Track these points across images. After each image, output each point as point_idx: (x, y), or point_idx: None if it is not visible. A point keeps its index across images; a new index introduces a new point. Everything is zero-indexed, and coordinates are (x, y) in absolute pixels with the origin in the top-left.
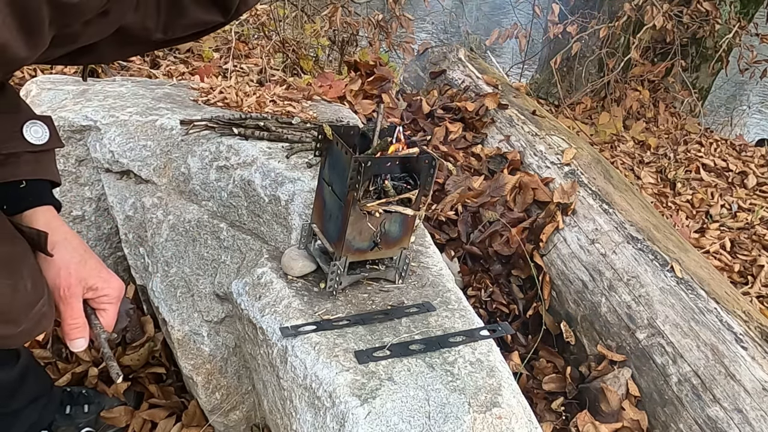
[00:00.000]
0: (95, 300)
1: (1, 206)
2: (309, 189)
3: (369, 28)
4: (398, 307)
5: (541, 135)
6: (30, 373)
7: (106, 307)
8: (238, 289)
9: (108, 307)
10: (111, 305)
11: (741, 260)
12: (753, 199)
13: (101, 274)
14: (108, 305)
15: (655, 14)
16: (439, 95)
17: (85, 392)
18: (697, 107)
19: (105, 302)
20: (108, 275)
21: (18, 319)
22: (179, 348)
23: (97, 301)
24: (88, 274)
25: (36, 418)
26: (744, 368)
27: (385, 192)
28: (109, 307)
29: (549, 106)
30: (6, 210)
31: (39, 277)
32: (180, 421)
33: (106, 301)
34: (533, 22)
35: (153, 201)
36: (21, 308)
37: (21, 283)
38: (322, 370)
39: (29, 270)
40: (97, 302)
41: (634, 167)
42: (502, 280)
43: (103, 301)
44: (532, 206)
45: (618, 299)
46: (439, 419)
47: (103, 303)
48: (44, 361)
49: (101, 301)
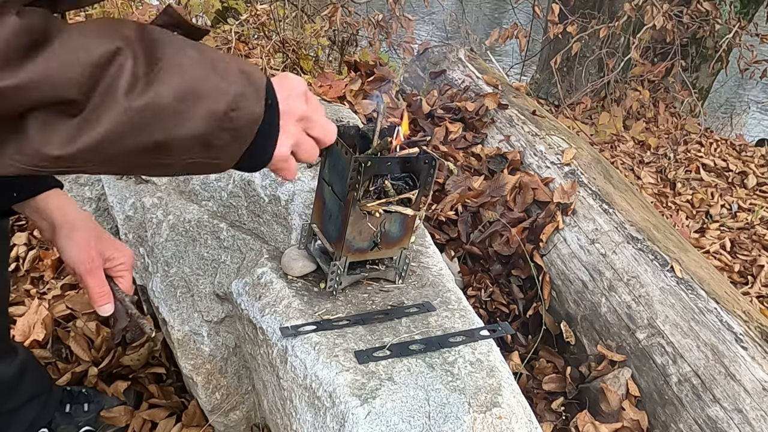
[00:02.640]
0: (113, 269)
1: (12, 192)
2: (309, 189)
3: (369, 28)
4: (398, 307)
5: (541, 135)
6: (28, 371)
7: (123, 273)
8: (238, 289)
9: (125, 274)
10: (127, 272)
11: (741, 260)
12: (753, 199)
13: (115, 245)
14: (125, 272)
15: (655, 14)
16: (439, 95)
17: (85, 391)
18: (697, 107)
19: (122, 269)
20: (121, 245)
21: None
22: (179, 348)
23: (115, 270)
24: (105, 246)
25: (35, 415)
26: (744, 368)
27: (385, 192)
28: (126, 274)
29: (549, 106)
30: (17, 196)
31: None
32: (180, 421)
33: (122, 268)
34: (533, 22)
35: (153, 201)
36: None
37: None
38: (322, 370)
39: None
40: (115, 270)
41: (634, 167)
42: (502, 280)
43: (120, 269)
44: (532, 206)
45: (618, 299)
46: (439, 419)
47: (120, 270)
48: (44, 361)
49: (118, 269)
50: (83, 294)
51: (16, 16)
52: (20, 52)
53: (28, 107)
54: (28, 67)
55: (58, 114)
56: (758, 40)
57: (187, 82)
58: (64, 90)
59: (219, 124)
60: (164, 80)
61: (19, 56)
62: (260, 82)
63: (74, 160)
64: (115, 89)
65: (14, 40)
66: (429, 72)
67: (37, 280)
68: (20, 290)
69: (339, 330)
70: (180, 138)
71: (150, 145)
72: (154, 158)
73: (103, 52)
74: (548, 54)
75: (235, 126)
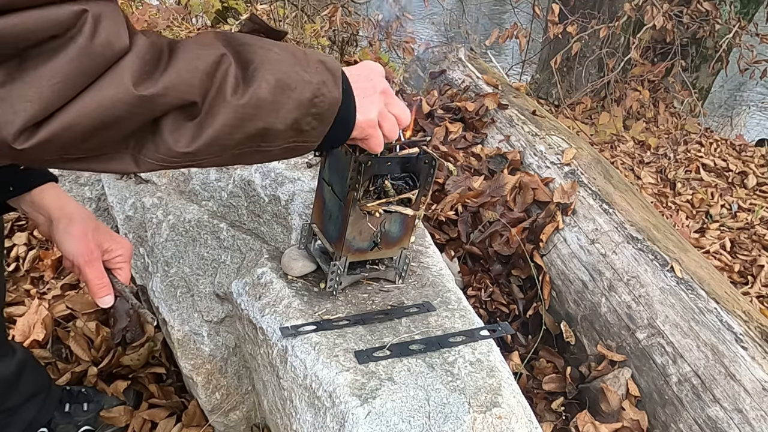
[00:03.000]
0: (111, 261)
1: (8, 187)
2: (309, 189)
3: (369, 28)
4: (398, 307)
5: (541, 135)
6: (27, 370)
7: (122, 265)
8: (238, 289)
9: (123, 266)
10: (125, 263)
11: (741, 260)
12: (753, 199)
13: (113, 237)
14: (123, 264)
15: (655, 14)
16: (439, 95)
17: (85, 391)
18: (697, 107)
19: (120, 261)
20: (118, 237)
21: None
22: (179, 348)
23: (113, 262)
24: (103, 238)
25: (34, 414)
26: (744, 368)
27: (385, 192)
28: (124, 265)
29: (549, 106)
30: (13, 191)
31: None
32: (180, 421)
33: (120, 260)
34: (533, 22)
35: (153, 201)
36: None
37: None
38: (322, 370)
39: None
40: (113, 263)
41: (634, 167)
42: (502, 280)
43: (118, 261)
44: (532, 206)
45: (618, 299)
46: (439, 419)
47: (118, 262)
48: (44, 361)
49: (117, 261)
50: (83, 294)
51: (143, 35)
52: (153, 64)
53: (163, 112)
54: (163, 77)
55: (184, 116)
56: (758, 40)
57: (277, 76)
58: (188, 94)
59: (306, 110)
60: (259, 78)
61: (153, 68)
62: (336, 69)
63: (198, 155)
64: (224, 91)
65: (148, 56)
66: (429, 72)
67: (37, 280)
68: (20, 290)
69: (339, 330)
70: (277, 126)
71: (254, 134)
72: (257, 146)
73: (212, 59)
74: (548, 54)
75: (319, 111)
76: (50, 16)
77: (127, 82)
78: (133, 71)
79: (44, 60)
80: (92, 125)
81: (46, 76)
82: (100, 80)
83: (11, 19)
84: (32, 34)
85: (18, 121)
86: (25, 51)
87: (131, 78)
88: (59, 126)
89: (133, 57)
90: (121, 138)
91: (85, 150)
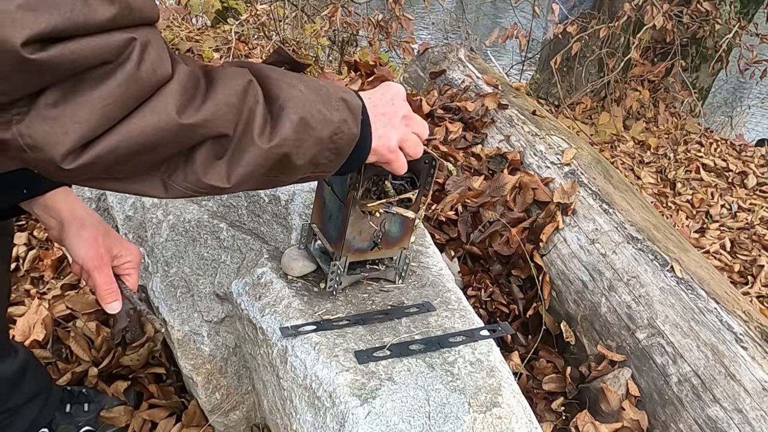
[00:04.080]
0: (120, 266)
1: (21, 189)
2: (309, 189)
3: (369, 28)
4: (398, 307)
5: (541, 135)
6: (29, 370)
7: (130, 271)
8: (238, 289)
9: (131, 272)
10: (134, 269)
11: (741, 260)
12: (753, 199)
13: (123, 243)
14: (131, 270)
15: (655, 14)
16: (439, 95)
17: (85, 391)
18: (697, 107)
19: (129, 267)
20: (128, 243)
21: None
22: (179, 348)
23: (122, 268)
24: (112, 243)
25: (36, 415)
26: (744, 368)
27: (385, 192)
28: (133, 272)
29: (549, 106)
30: (26, 193)
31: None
32: (180, 421)
33: (129, 266)
34: (533, 22)
35: (153, 201)
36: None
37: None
38: (322, 370)
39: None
40: (122, 268)
41: (634, 167)
42: (502, 280)
43: (128, 267)
44: (532, 206)
45: (618, 299)
46: (439, 419)
47: (127, 268)
48: (44, 361)
49: (125, 267)
50: (83, 294)
51: (183, 64)
52: (193, 93)
53: (200, 141)
54: (203, 107)
55: (216, 147)
56: (758, 40)
57: (301, 115)
58: (224, 128)
59: (325, 146)
60: (285, 117)
61: (193, 97)
62: (357, 107)
63: (226, 191)
64: (252, 129)
65: (189, 84)
66: (429, 72)
67: (37, 280)
68: (20, 290)
69: (339, 330)
70: (296, 161)
71: (274, 170)
72: (274, 177)
73: (241, 88)
74: (548, 54)
75: (337, 147)
76: (104, 43)
77: (170, 110)
78: (176, 99)
79: (96, 84)
80: (135, 149)
81: (97, 99)
82: (144, 106)
83: (70, 46)
84: (87, 60)
85: (68, 142)
86: (80, 75)
87: (175, 106)
88: (104, 148)
89: (176, 85)
90: (156, 162)
91: (122, 171)
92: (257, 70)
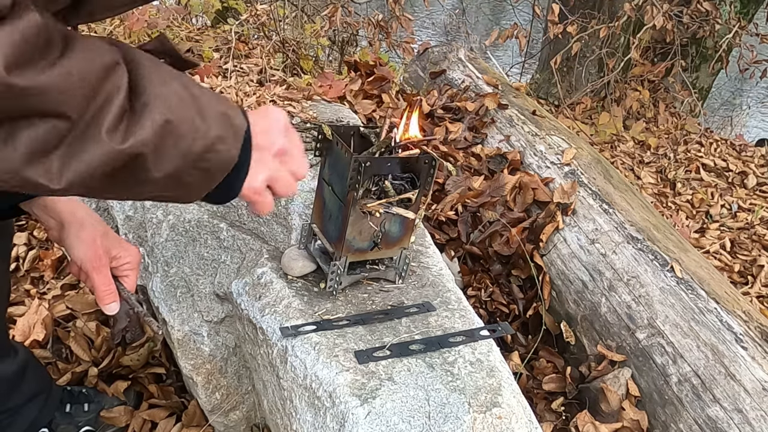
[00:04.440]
0: (118, 268)
1: None
2: (309, 189)
3: (369, 28)
4: (398, 307)
5: (541, 135)
6: (29, 370)
7: (129, 273)
8: (238, 289)
9: (130, 273)
10: (132, 271)
11: (741, 260)
12: (753, 199)
13: (122, 244)
14: (130, 271)
15: (655, 14)
16: (439, 95)
17: (85, 391)
18: (697, 107)
19: (127, 269)
20: (127, 244)
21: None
22: (179, 348)
23: (120, 269)
24: (111, 244)
25: (36, 415)
26: (744, 368)
27: (385, 192)
28: (131, 273)
29: (549, 106)
30: (26, 194)
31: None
32: (180, 421)
33: (128, 267)
34: (533, 22)
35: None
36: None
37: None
38: (322, 370)
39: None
40: (120, 270)
41: (634, 167)
42: (502, 280)
43: (126, 268)
44: (532, 206)
45: (618, 299)
46: (439, 419)
47: (125, 270)
48: (44, 361)
49: (124, 268)
50: (83, 294)
51: (38, 15)
52: (40, 52)
53: (27, 114)
54: (51, 71)
55: (49, 132)
56: (758, 40)
57: (168, 117)
58: (66, 105)
59: (193, 164)
60: (148, 116)
61: (39, 56)
62: (241, 127)
63: (55, 192)
64: (102, 120)
65: (34, 37)
66: (429, 72)
67: (37, 280)
68: (20, 290)
69: (339, 330)
70: (153, 174)
71: (125, 180)
72: (120, 190)
73: (101, 69)
74: (548, 54)
75: (208, 167)
76: None
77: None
78: (7, 47)
79: None
80: None
81: None
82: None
83: None
84: None
85: None
86: None
87: (3, 55)
88: None
89: (10, 28)
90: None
91: None
92: (130, 54)
